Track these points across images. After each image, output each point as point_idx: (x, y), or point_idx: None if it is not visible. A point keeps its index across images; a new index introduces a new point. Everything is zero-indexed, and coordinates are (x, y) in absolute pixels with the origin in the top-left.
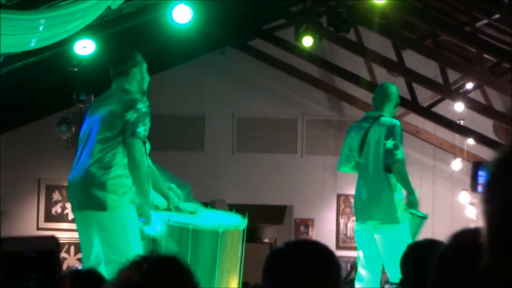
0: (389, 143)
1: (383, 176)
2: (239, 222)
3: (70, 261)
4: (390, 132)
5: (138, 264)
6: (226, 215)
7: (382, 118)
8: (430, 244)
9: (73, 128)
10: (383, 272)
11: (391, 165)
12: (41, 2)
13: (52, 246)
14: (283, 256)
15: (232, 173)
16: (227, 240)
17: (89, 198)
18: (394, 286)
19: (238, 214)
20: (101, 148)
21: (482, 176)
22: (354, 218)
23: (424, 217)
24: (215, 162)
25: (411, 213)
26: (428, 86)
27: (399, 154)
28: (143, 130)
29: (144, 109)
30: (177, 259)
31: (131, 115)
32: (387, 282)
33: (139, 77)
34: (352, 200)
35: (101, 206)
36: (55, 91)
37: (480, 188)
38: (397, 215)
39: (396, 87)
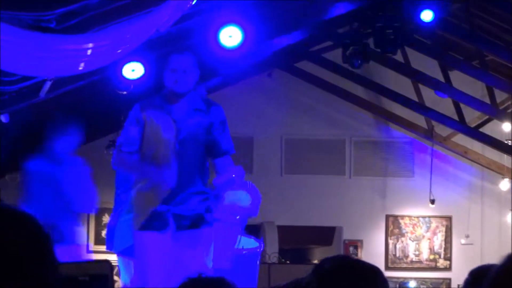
0: None
1: None
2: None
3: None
4: None
5: (187, 287)
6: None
7: None
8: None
9: None
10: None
11: None
12: (89, 26)
13: (106, 270)
14: (329, 276)
15: (280, 195)
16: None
17: None
18: None
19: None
20: None
21: None
22: (403, 238)
23: None
24: (264, 184)
25: None
26: (476, 106)
27: None
28: (121, 138)
29: (129, 114)
30: (226, 281)
31: None
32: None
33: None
34: (401, 221)
35: None
36: (103, 114)
37: None
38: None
39: None
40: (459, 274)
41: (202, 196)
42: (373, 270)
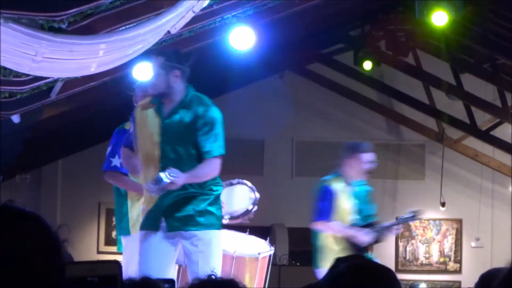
0: None
1: None
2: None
3: None
4: None
5: None
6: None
7: None
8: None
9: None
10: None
11: None
12: (101, 27)
13: (115, 270)
14: (343, 277)
15: (291, 197)
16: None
17: None
18: None
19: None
20: None
21: None
22: (413, 241)
23: None
24: (274, 186)
25: None
26: (487, 109)
27: None
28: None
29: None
30: (236, 282)
31: None
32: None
33: None
34: (411, 224)
35: None
36: (114, 115)
37: None
38: None
39: None
40: (469, 277)
41: (194, 197)
42: (386, 271)
